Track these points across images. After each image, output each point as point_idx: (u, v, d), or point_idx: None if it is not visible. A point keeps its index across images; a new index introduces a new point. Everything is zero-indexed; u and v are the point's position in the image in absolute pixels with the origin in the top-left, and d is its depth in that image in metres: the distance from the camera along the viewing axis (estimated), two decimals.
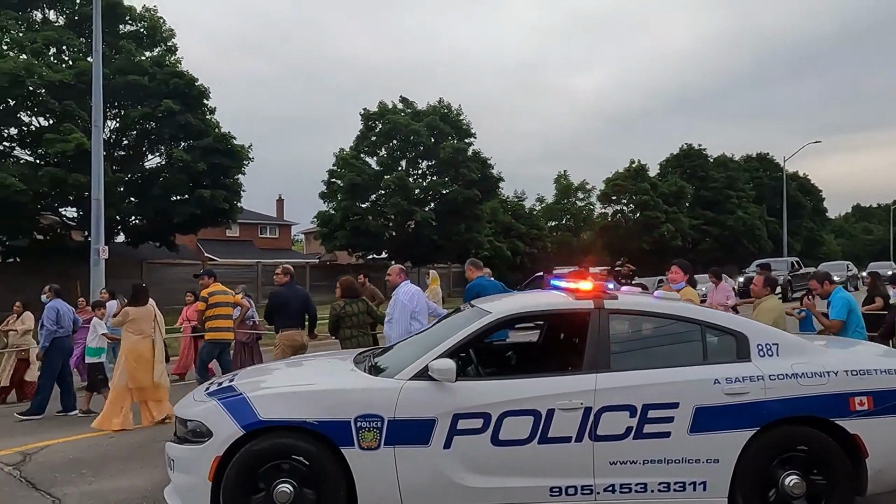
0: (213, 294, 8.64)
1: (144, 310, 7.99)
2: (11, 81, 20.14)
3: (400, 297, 6.85)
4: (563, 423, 4.09)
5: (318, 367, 5.09)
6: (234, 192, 24.89)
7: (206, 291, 8.68)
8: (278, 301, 7.97)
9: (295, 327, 7.98)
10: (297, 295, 8.25)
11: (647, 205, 45.00)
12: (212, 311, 8.59)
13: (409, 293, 6.90)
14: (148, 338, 7.87)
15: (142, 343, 7.81)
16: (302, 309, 8.13)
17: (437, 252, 33.85)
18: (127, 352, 7.77)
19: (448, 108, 35.39)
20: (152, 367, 7.80)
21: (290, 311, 7.95)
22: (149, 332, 7.91)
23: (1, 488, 5.55)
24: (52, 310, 8.63)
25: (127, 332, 7.85)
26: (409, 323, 6.69)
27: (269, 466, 4.04)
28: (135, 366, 7.69)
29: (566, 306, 4.59)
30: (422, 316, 6.87)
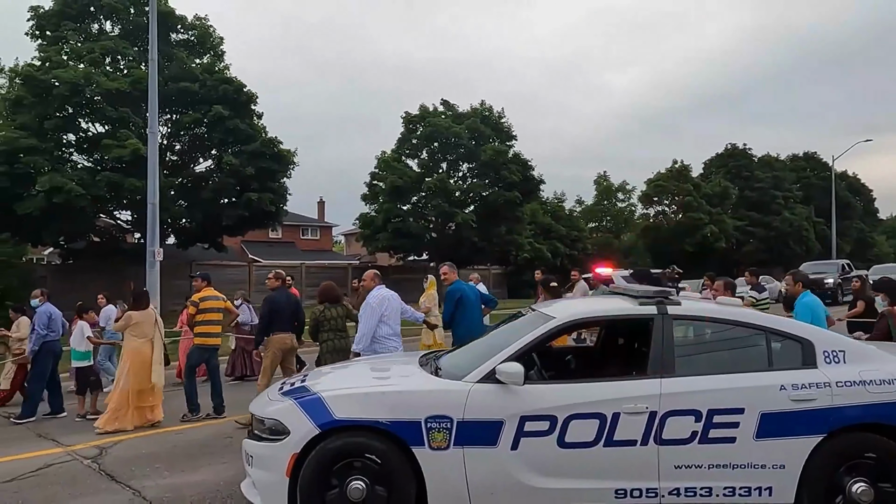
0: (204, 299, 8.51)
1: (146, 313, 8.17)
2: (71, 90, 20.97)
3: (370, 301, 7.08)
4: (628, 426, 4.18)
5: (387, 369, 5.26)
6: (280, 195, 25.40)
7: (197, 296, 8.56)
8: (275, 306, 8.04)
9: (286, 331, 8.10)
10: (290, 300, 8.39)
11: (690, 206, 44.33)
12: (202, 317, 8.47)
13: (380, 297, 7.08)
14: (150, 341, 8.04)
15: (145, 346, 7.99)
16: (294, 314, 8.28)
17: (477, 254, 33.94)
18: (131, 355, 7.92)
19: (489, 110, 35.48)
20: (150, 370, 7.94)
21: (283, 315, 8.09)
22: (151, 335, 8.08)
23: (83, 480, 5.87)
24: (43, 314, 8.70)
25: (130, 336, 8.00)
26: (378, 326, 6.88)
27: (342, 464, 4.21)
28: (136, 368, 7.85)
29: (630, 312, 4.67)
30: (391, 320, 7.00)
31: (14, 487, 5.70)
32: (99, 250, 24.82)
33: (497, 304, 9.12)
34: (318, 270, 31.66)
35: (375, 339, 6.87)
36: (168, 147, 24.84)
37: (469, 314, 7.27)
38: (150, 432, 7.63)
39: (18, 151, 20.67)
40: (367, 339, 6.85)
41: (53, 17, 23.41)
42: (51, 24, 23.42)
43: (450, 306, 7.27)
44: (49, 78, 21.23)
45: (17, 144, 20.65)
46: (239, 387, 10.47)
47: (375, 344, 6.86)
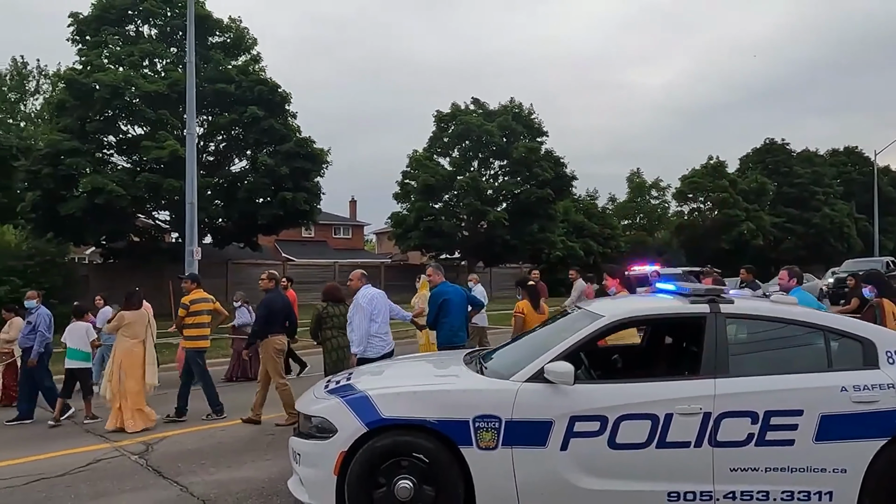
0: (194, 301, 8.44)
1: (139, 314, 8.09)
2: (112, 93, 21.43)
3: (359, 300, 7.12)
4: (681, 427, 4.08)
5: (432, 368, 5.23)
6: (314, 194, 25.61)
7: (187, 298, 8.45)
8: (273, 307, 8.04)
9: (281, 332, 8.12)
10: (284, 301, 8.39)
11: (726, 202, 43.56)
12: (192, 319, 8.39)
13: (368, 296, 7.14)
14: (141, 342, 7.96)
15: (136, 347, 7.91)
16: (287, 315, 8.29)
17: (509, 252, 33.84)
18: (123, 355, 7.85)
19: (520, 107, 35.34)
20: (143, 371, 7.89)
21: (279, 317, 8.10)
22: (142, 336, 8.00)
23: (132, 475, 5.98)
24: (46, 315, 8.70)
25: (122, 337, 7.92)
26: (369, 325, 6.97)
27: (390, 463, 4.19)
28: (128, 369, 7.78)
29: (681, 310, 4.56)
30: (379, 318, 7.07)
31: (67, 481, 5.82)
32: (138, 250, 25.33)
33: (484, 305, 9.03)
34: (350, 269, 31.69)
35: None
36: (204, 148, 25.21)
37: (451, 317, 7.23)
38: (193, 429, 7.71)
39: (61, 153, 21.21)
40: (365, 340, 6.95)
41: (93, 22, 23.93)
42: (91, 29, 23.95)
43: (433, 309, 7.29)
44: (90, 81, 21.73)
45: (61, 147, 21.21)
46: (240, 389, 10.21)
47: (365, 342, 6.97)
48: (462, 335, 7.36)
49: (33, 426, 8.27)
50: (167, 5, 24.37)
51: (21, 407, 8.64)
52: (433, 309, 7.24)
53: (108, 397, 7.87)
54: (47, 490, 5.60)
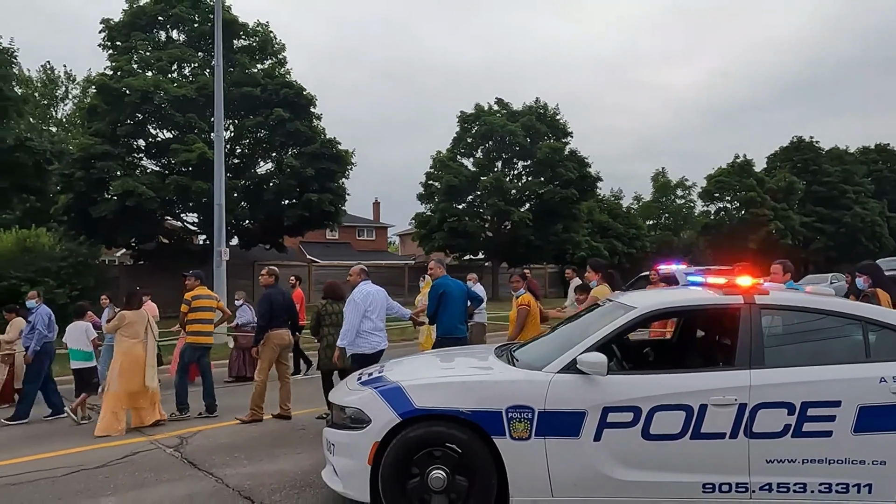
0: (196, 298, 8.50)
1: (139, 314, 8.08)
2: (142, 97, 21.84)
3: (354, 296, 7.16)
4: (716, 418, 4.06)
5: (464, 360, 5.26)
6: (339, 195, 25.80)
7: (189, 294, 8.52)
8: (274, 302, 8.09)
9: (283, 327, 8.17)
10: (285, 296, 8.44)
11: (754, 202, 42.95)
12: (194, 315, 8.46)
13: (364, 293, 7.16)
14: (142, 342, 7.94)
15: (137, 347, 7.88)
16: (289, 310, 8.36)
17: (533, 252, 33.74)
18: (122, 356, 7.81)
19: (544, 107, 35.24)
20: (144, 370, 7.87)
21: (280, 312, 8.15)
22: (142, 336, 7.97)
23: (168, 467, 6.09)
24: (44, 314, 8.74)
25: (122, 337, 7.87)
26: (360, 320, 7.00)
27: (423, 453, 4.23)
28: (129, 369, 7.74)
29: (715, 301, 4.53)
30: (374, 314, 7.12)
31: (105, 472, 5.96)
32: (168, 251, 25.74)
33: (483, 301, 9.02)
34: (375, 270, 31.95)
35: (359, 334, 7.00)
36: (231, 150, 25.57)
37: (451, 310, 7.29)
38: (225, 423, 7.82)
39: (93, 157, 21.65)
40: (352, 335, 6.99)
41: (124, 28, 24.42)
42: (121, 35, 24.43)
43: (433, 301, 7.34)
44: (121, 86, 22.15)
45: (93, 151, 21.65)
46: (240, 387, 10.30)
47: (359, 338, 7.00)
48: (462, 328, 7.44)
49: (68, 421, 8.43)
50: (195, 11, 24.77)
51: (51, 403, 8.82)
52: (433, 301, 7.31)
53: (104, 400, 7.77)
54: (86, 480, 5.74)
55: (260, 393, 7.90)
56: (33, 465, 6.26)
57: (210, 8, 23.26)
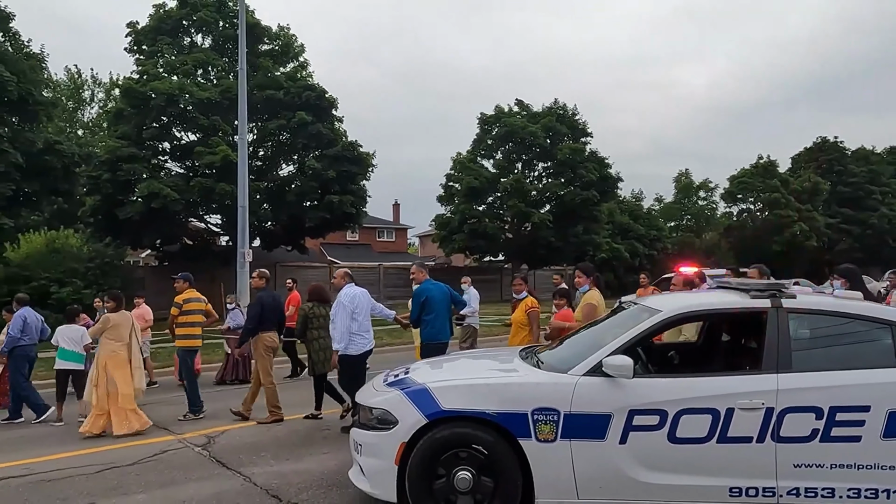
0: (187, 300, 8.46)
1: (123, 316, 8.06)
2: (167, 101, 22.19)
3: (341, 299, 7.25)
4: (743, 422, 4.06)
5: (489, 362, 5.30)
6: (360, 197, 25.98)
7: (180, 297, 8.47)
8: (265, 304, 8.13)
9: (272, 330, 8.21)
10: (275, 299, 8.47)
11: (778, 203, 42.35)
12: (185, 318, 8.43)
13: (350, 295, 7.28)
14: (126, 345, 7.92)
15: (121, 350, 7.86)
16: (278, 313, 8.39)
17: (554, 254, 33.63)
18: (107, 358, 7.79)
19: (563, 108, 35.12)
20: (131, 373, 7.87)
21: (270, 315, 8.19)
22: (127, 339, 7.95)
23: (197, 466, 6.21)
24: (19, 318, 8.81)
25: (106, 339, 7.86)
26: (350, 322, 7.12)
27: (449, 454, 4.28)
28: (112, 372, 7.73)
29: (741, 305, 4.52)
30: (360, 315, 7.26)
31: (136, 470, 6.09)
32: (191, 252, 26.07)
33: (466, 304, 9.05)
34: (395, 272, 32.17)
35: None
36: (254, 153, 25.87)
37: (435, 314, 7.35)
38: (251, 423, 7.92)
39: (120, 160, 22.04)
40: (346, 338, 7.10)
41: (149, 33, 24.84)
42: (147, 40, 24.85)
43: (416, 306, 7.40)
44: (146, 90, 22.54)
45: (119, 153, 22.04)
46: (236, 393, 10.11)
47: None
48: (446, 332, 7.48)
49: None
50: (219, 15, 25.11)
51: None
52: (416, 306, 7.38)
53: (94, 402, 7.71)
54: (118, 478, 5.87)
55: (273, 394, 7.98)
56: (68, 462, 6.42)
57: (234, 12, 23.56)
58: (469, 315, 10.48)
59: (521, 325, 7.46)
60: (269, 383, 8.03)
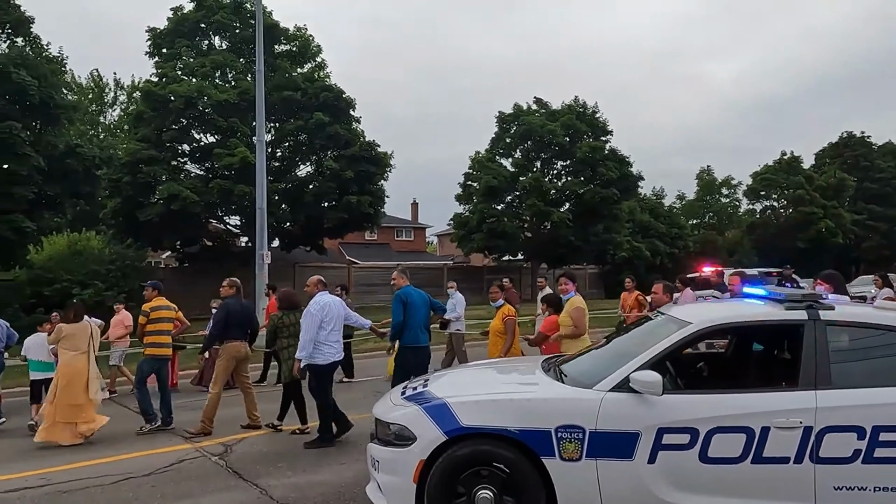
0: (155, 308, 8.30)
1: (79, 326, 7.96)
2: (186, 103, 22.31)
3: (310, 308, 7.11)
4: (779, 442, 3.85)
5: (510, 375, 5.14)
6: (377, 197, 25.95)
7: (147, 305, 8.30)
8: (231, 312, 7.95)
9: (240, 339, 8.01)
10: (245, 308, 8.27)
11: (802, 199, 41.64)
12: (153, 326, 8.25)
13: (321, 304, 7.12)
14: (83, 354, 7.82)
15: (77, 360, 7.77)
16: (247, 322, 8.20)
17: (574, 253, 33.33)
18: (63, 367, 7.73)
19: (583, 106, 34.75)
20: (87, 383, 7.76)
21: (237, 323, 8.00)
22: (84, 348, 7.86)
23: (213, 477, 6.12)
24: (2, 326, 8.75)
25: (62, 349, 7.81)
26: (317, 331, 6.97)
27: (469, 472, 4.12)
28: (71, 382, 7.66)
29: (776, 317, 4.30)
30: (330, 325, 7.09)
31: (152, 481, 6.01)
32: (211, 254, 26.23)
33: (446, 310, 8.86)
34: (414, 271, 32.00)
35: (314, 345, 6.99)
36: (272, 154, 25.94)
37: (415, 319, 7.31)
38: (267, 431, 7.82)
39: (140, 162, 22.21)
40: (310, 347, 6.96)
41: (168, 36, 24.99)
42: (166, 43, 25.01)
43: (398, 308, 7.31)
44: (166, 93, 22.68)
45: (139, 156, 22.20)
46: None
47: (314, 350, 6.99)
48: (424, 337, 7.43)
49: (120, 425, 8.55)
50: (237, 17, 25.19)
51: None
52: (398, 308, 7.30)
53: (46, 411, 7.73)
54: (134, 490, 5.79)
55: (214, 405, 7.77)
56: (84, 472, 6.36)
57: (251, 14, 23.61)
58: (454, 320, 10.51)
59: (498, 333, 7.36)
60: (215, 394, 7.80)
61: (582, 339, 6.75)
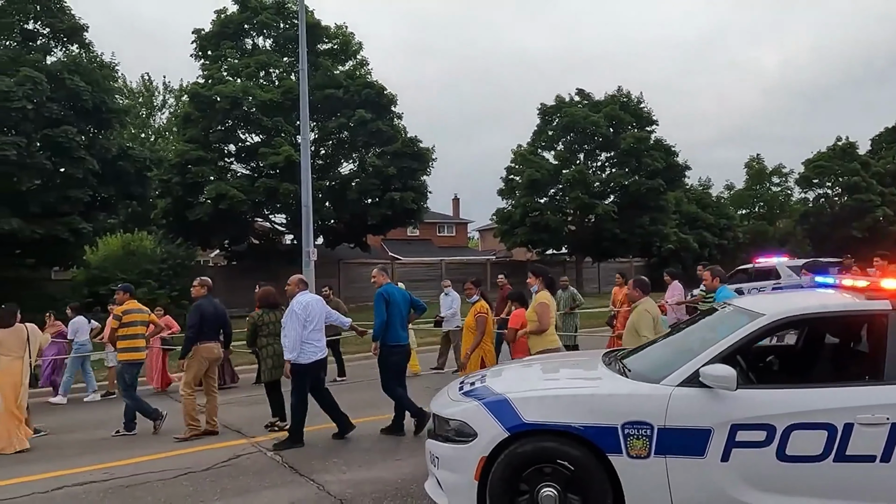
0: (127, 312, 8.16)
1: (11, 331, 7.74)
2: (231, 104, 22.69)
3: (293, 307, 7.03)
4: (864, 439, 3.64)
5: (573, 371, 5.00)
6: (420, 193, 25.96)
7: (119, 309, 8.18)
8: (204, 313, 7.80)
9: (213, 339, 7.89)
10: (217, 308, 8.08)
11: (858, 187, 40.08)
12: (125, 331, 8.10)
13: (303, 303, 7.08)
14: (18, 359, 7.67)
15: (11, 365, 7.61)
16: (220, 322, 8.05)
17: (619, 246, 32.82)
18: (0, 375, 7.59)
19: (627, 96, 34.14)
20: (19, 389, 7.62)
21: (210, 323, 7.87)
22: (20, 353, 7.71)
23: (270, 472, 6.15)
24: None
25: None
26: (301, 331, 6.93)
27: (532, 469, 4.02)
28: (4, 388, 7.54)
29: (856, 307, 4.07)
30: (312, 324, 7.04)
31: (211, 476, 6.07)
32: (258, 251, 26.66)
33: (426, 310, 8.70)
34: (457, 267, 32.05)
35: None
36: (316, 151, 26.18)
37: (396, 318, 7.30)
38: (320, 426, 7.80)
39: (188, 163, 22.69)
40: (298, 346, 6.92)
41: (213, 38, 25.44)
42: (211, 45, 25.48)
43: (381, 307, 7.24)
44: (212, 94, 23.09)
45: (188, 157, 22.67)
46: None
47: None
48: (405, 335, 7.47)
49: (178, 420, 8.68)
50: (279, 17, 25.48)
51: None
52: (381, 306, 7.25)
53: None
54: (194, 484, 5.86)
55: (192, 406, 7.73)
56: (146, 467, 6.47)
57: (293, 13, 23.84)
58: (450, 317, 10.51)
59: (471, 328, 7.29)
60: (188, 395, 7.74)
61: (547, 336, 6.69)
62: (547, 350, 6.57)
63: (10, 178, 18.58)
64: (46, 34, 21.76)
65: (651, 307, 6.84)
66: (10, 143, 17.92)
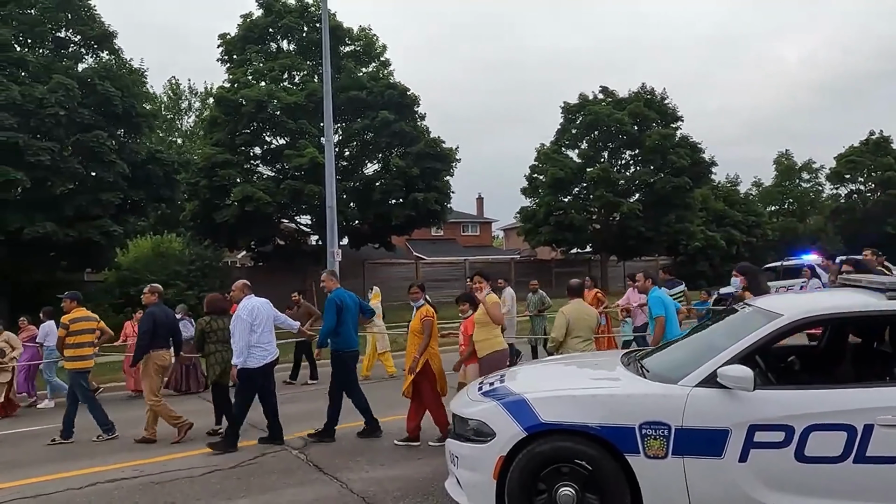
0: (74, 320, 8.06)
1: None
2: (257, 107, 22.98)
3: (239, 312, 7.10)
4: (885, 441, 3.62)
5: (590, 371, 5.03)
6: (444, 193, 26.00)
7: (66, 318, 8.07)
8: (157, 320, 7.85)
9: (165, 347, 7.92)
10: (168, 316, 8.17)
11: (892, 182, 39.20)
12: (73, 339, 8.03)
13: (249, 307, 7.14)
14: None
15: None
16: (172, 330, 8.09)
17: (645, 244, 32.53)
18: None
19: (651, 92, 33.79)
20: None
21: (162, 331, 7.91)
22: None
23: (295, 471, 6.27)
24: None
25: None
26: (249, 335, 7.00)
27: (550, 469, 4.06)
28: None
29: (877, 308, 4.03)
30: (260, 328, 7.10)
31: (238, 474, 6.22)
32: (284, 253, 26.94)
33: (375, 314, 8.61)
34: (481, 266, 32.05)
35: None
36: (340, 153, 26.39)
37: (349, 323, 7.36)
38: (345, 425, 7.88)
39: (215, 166, 23.03)
40: (246, 351, 6.98)
41: (238, 42, 25.78)
42: (237, 49, 25.83)
43: (332, 313, 7.25)
44: (237, 97, 23.41)
45: (215, 160, 23.03)
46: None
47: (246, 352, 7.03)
48: (356, 340, 7.57)
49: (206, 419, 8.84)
50: (303, 21, 25.72)
51: None
52: (332, 314, 7.26)
53: None
54: (221, 482, 6.01)
55: (165, 409, 7.80)
56: (174, 465, 6.64)
57: (317, 17, 24.06)
58: None
59: (416, 332, 7.30)
60: (157, 401, 7.80)
61: (496, 338, 6.72)
62: (495, 352, 6.63)
63: (44, 182, 19.05)
64: (77, 41, 22.24)
65: (570, 308, 6.93)
66: (44, 149, 18.37)
